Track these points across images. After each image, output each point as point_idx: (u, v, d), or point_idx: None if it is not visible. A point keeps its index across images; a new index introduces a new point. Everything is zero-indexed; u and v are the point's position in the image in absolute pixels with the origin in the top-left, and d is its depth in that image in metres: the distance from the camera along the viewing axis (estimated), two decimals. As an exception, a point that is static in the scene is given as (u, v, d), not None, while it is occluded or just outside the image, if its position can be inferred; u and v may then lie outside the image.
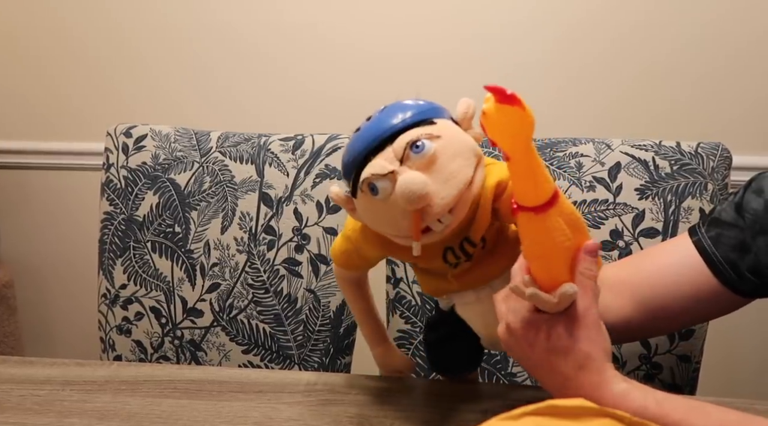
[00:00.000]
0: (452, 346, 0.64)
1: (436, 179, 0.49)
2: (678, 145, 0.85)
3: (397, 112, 0.51)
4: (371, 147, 0.50)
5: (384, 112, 0.52)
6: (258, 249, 0.92)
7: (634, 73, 1.30)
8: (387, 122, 0.50)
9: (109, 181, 0.96)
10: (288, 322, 0.92)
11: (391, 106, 0.52)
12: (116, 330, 0.96)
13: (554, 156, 0.87)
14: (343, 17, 1.35)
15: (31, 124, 1.50)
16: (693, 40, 1.27)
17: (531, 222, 0.49)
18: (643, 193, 0.84)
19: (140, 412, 0.62)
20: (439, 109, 0.53)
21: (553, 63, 1.32)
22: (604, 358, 0.52)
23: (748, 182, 0.66)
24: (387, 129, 0.50)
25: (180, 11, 1.39)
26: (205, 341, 0.93)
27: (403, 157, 0.49)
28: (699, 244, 0.66)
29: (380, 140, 0.50)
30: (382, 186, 0.49)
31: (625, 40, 1.29)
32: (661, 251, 0.71)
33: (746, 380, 1.41)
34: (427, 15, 1.33)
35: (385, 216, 0.51)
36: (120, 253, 0.95)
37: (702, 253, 0.66)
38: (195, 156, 0.95)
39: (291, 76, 1.39)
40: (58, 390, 0.66)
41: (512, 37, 1.32)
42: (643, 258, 0.73)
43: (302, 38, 1.38)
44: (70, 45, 1.45)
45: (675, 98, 1.29)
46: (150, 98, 1.44)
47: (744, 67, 1.27)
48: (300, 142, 0.93)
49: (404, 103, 0.52)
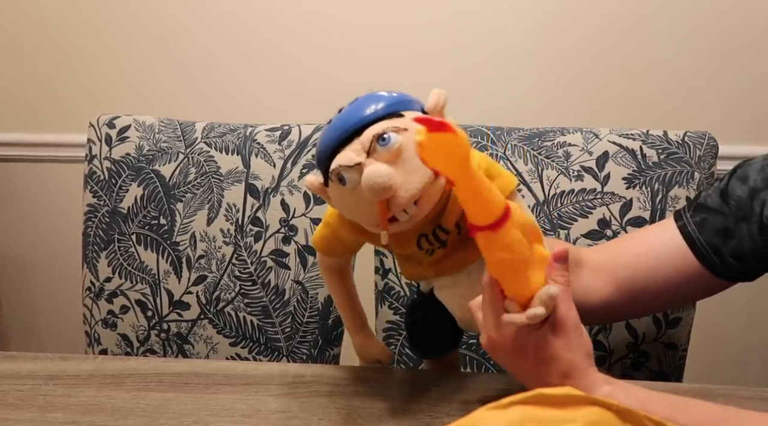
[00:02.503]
0: (431, 327, 0.65)
1: (402, 171, 0.50)
2: (665, 134, 0.85)
3: (367, 104, 0.52)
4: (341, 138, 0.51)
5: (354, 104, 0.52)
6: (245, 241, 0.91)
7: (622, 63, 1.30)
8: (356, 115, 0.51)
9: (93, 172, 0.94)
10: (276, 314, 0.91)
11: (362, 98, 0.53)
12: (101, 323, 0.95)
13: (542, 145, 0.87)
14: (331, 7, 1.34)
15: (12, 116, 1.47)
16: (680, 30, 1.27)
17: (490, 240, 0.50)
18: (631, 182, 0.84)
19: (125, 405, 0.61)
20: (410, 100, 0.53)
21: (541, 52, 1.31)
22: (587, 361, 0.53)
23: (733, 169, 0.67)
24: (356, 121, 0.51)
25: (165, 1, 1.37)
26: (192, 334, 0.92)
27: (370, 149, 0.50)
28: (684, 228, 0.67)
29: (349, 132, 0.51)
30: (349, 177, 0.50)
31: (613, 30, 1.29)
32: (644, 235, 0.72)
33: (731, 366, 1.43)
34: (415, 5, 1.32)
35: (355, 205, 0.52)
36: (104, 245, 0.94)
37: (686, 237, 0.66)
38: (180, 147, 0.93)
39: (277, 66, 1.38)
40: (41, 384, 0.65)
41: (500, 27, 1.31)
42: (626, 241, 0.74)
43: (289, 28, 1.36)
44: (52, 35, 1.42)
45: (662, 88, 1.30)
46: (134, 89, 1.42)
47: (730, 58, 1.27)
48: (287, 132, 0.92)
49: (375, 95, 0.53)
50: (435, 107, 0.52)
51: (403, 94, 0.54)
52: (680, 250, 0.66)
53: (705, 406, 0.51)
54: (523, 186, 0.86)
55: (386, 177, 0.49)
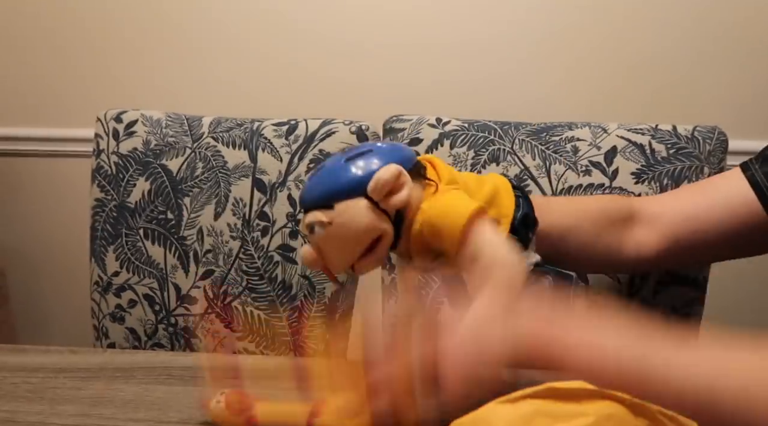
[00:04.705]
0: None
1: (331, 248, 0.55)
2: (674, 129, 0.85)
3: (316, 185, 0.56)
4: (302, 206, 0.57)
5: (312, 181, 0.56)
6: (252, 235, 0.91)
7: (631, 57, 1.29)
8: (306, 194, 0.56)
9: (100, 167, 0.95)
10: (283, 309, 0.91)
11: (321, 175, 0.56)
12: (109, 317, 0.95)
13: (550, 140, 0.86)
14: (339, 1, 1.34)
15: (20, 111, 1.48)
16: (689, 24, 1.26)
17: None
18: (639, 177, 0.84)
19: (134, 399, 0.62)
20: (359, 180, 0.53)
21: (549, 47, 1.31)
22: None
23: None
24: (304, 201, 0.56)
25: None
26: (199, 328, 0.93)
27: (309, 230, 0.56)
28: (752, 178, 0.65)
29: (302, 207, 0.57)
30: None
31: (621, 24, 1.28)
32: (704, 186, 0.70)
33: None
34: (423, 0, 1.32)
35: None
36: (112, 240, 0.94)
37: (755, 187, 0.64)
38: (187, 141, 0.93)
39: (284, 61, 1.38)
40: (51, 377, 0.66)
41: (507, 21, 1.31)
42: (684, 192, 0.72)
43: (297, 22, 1.36)
44: (59, 30, 1.42)
45: (671, 83, 1.29)
46: (141, 83, 1.42)
47: (740, 52, 1.26)
48: (294, 126, 0.92)
49: (328, 173, 0.55)
50: (374, 189, 0.52)
51: (359, 172, 0.54)
52: (746, 200, 0.64)
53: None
54: (530, 181, 0.86)
55: (308, 260, 0.56)
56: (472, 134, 0.88)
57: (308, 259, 0.56)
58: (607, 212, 0.69)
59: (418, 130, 0.89)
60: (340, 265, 0.56)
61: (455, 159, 0.87)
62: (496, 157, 0.86)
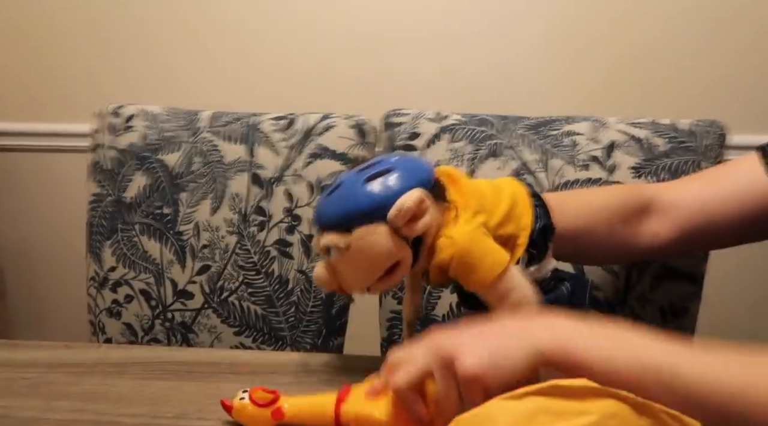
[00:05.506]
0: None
1: (347, 269, 0.54)
2: (673, 124, 0.84)
3: (333, 206, 0.54)
4: (318, 226, 0.56)
5: (329, 200, 0.55)
6: (249, 230, 0.91)
7: (630, 51, 1.28)
8: (322, 214, 0.55)
9: (97, 162, 0.94)
10: (280, 304, 0.91)
11: (338, 195, 0.54)
12: (106, 313, 0.95)
13: (549, 134, 0.86)
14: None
15: (17, 106, 1.47)
16: (688, 18, 1.26)
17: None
18: (638, 172, 0.83)
19: (129, 394, 0.61)
20: (379, 205, 0.52)
21: (548, 41, 1.30)
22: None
23: None
24: (320, 222, 0.55)
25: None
26: (196, 323, 0.92)
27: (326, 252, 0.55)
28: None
29: (317, 226, 0.56)
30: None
31: (620, 18, 1.27)
32: (720, 172, 0.69)
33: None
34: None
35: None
36: (108, 235, 0.93)
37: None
38: (185, 136, 0.93)
39: (283, 55, 1.37)
40: (45, 373, 0.65)
41: (507, 15, 1.30)
42: (699, 179, 0.70)
43: (295, 17, 1.35)
44: (57, 24, 1.42)
45: (670, 77, 1.28)
46: (139, 78, 1.42)
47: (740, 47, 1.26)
48: (292, 121, 0.92)
49: (347, 194, 0.54)
50: (395, 218, 0.51)
51: (381, 193, 0.52)
52: (765, 187, 0.63)
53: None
54: (528, 175, 0.85)
55: (321, 281, 0.55)
56: (470, 128, 0.87)
57: (322, 279, 0.55)
58: (622, 208, 0.68)
59: (416, 125, 0.88)
60: (355, 288, 0.55)
61: (454, 153, 0.86)
62: (495, 152, 0.86)
